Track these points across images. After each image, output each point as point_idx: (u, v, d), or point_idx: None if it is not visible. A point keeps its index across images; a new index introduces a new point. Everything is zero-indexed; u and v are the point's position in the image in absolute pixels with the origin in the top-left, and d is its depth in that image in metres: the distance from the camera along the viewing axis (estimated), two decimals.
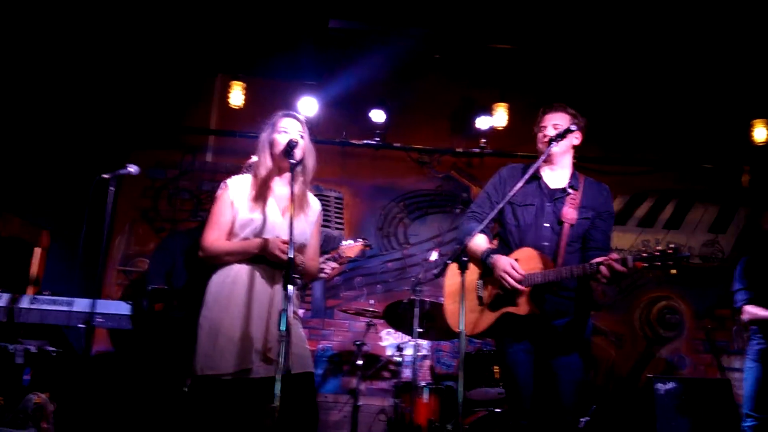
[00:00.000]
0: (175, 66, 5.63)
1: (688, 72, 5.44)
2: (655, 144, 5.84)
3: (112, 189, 3.10)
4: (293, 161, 2.57)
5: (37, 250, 4.92)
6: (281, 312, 2.23)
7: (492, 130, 5.65)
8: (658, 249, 2.47)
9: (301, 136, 2.69)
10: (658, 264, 2.47)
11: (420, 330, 4.22)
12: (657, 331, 5.63)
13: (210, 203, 2.72)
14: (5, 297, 3.77)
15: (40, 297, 3.90)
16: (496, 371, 4.22)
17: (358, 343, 4.61)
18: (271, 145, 2.68)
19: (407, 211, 5.82)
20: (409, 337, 4.40)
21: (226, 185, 2.69)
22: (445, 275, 2.97)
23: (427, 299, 4.32)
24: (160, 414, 3.76)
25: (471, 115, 5.69)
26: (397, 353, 4.72)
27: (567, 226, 2.78)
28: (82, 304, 3.85)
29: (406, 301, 4.38)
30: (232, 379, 2.44)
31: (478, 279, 2.86)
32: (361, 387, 4.65)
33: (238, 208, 2.62)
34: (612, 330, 5.60)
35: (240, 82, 5.49)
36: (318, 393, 5.07)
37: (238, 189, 2.66)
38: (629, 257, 2.52)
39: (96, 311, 3.76)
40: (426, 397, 4.22)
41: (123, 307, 3.97)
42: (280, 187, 2.70)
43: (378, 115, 5.58)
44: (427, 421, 4.16)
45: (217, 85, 5.89)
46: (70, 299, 3.87)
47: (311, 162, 2.74)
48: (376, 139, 5.72)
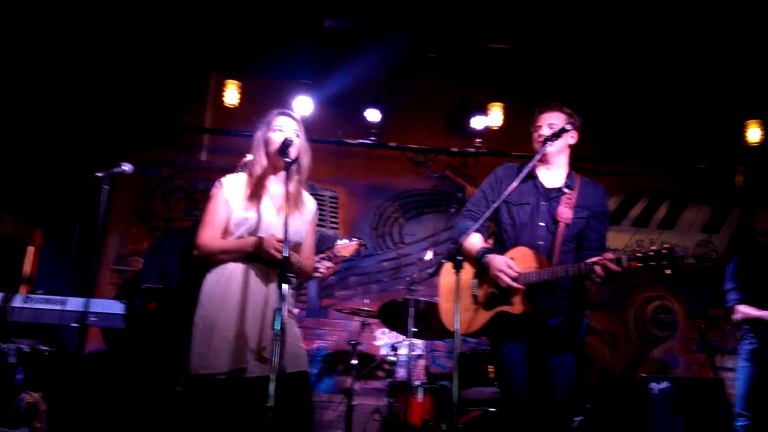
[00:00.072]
0: (170, 64, 5.61)
1: (683, 72, 5.46)
2: (650, 144, 5.86)
3: (105, 187, 3.09)
4: (288, 160, 2.57)
5: (30, 248, 4.90)
6: (276, 311, 2.22)
7: (487, 130, 5.66)
8: (653, 249, 2.47)
9: (296, 135, 2.68)
10: (653, 264, 2.46)
11: (415, 329, 4.23)
12: (651, 330, 5.65)
13: (204, 202, 2.70)
14: None
15: (33, 296, 3.88)
16: (491, 371, 4.23)
17: (353, 342, 4.61)
18: (266, 143, 2.67)
19: (402, 210, 5.81)
20: (403, 336, 4.40)
21: (220, 184, 2.68)
22: (440, 274, 2.96)
23: (422, 299, 4.32)
24: (154, 413, 3.74)
25: (466, 115, 5.70)
26: (391, 353, 4.73)
27: (562, 225, 2.78)
28: (75, 303, 3.83)
29: (400, 300, 4.38)
30: (226, 379, 2.43)
31: (473, 278, 2.86)
32: (356, 386, 4.65)
33: (232, 207, 2.61)
34: (606, 329, 5.61)
35: (235, 81, 5.47)
36: (312, 392, 5.06)
37: (233, 187, 2.66)
38: (624, 257, 2.51)
39: (89, 310, 3.74)
40: (420, 396, 4.22)
41: (116, 306, 3.96)
42: (275, 185, 2.69)
43: (373, 114, 5.58)
44: (421, 420, 4.16)
45: (211, 83, 5.88)
46: (63, 298, 3.85)
47: (306, 161, 2.73)
48: (372, 138, 5.71)
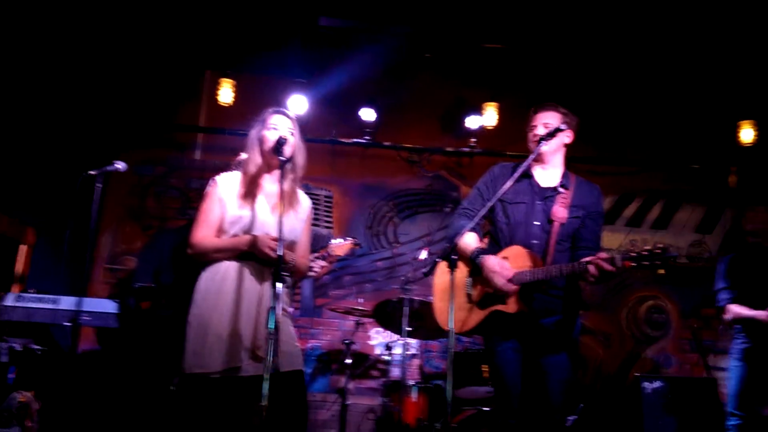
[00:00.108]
0: (165, 62, 5.59)
1: (677, 73, 5.47)
2: (644, 144, 5.88)
3: (98, 185, 3.08)
4: (283, 158, 2.56)
5: (23, 247, 4.88)
6: (269, 310, 2.21)
7: (482, 130, 5.66)
8: (646, 248, 2.48)
9: (291, 133, 2.67)
10: (646, 263, 2.48)
11: (409, 329, 4.22)
12: (644, 330, 5.66)
13: (198, 201, 2.69)
14: None
15: (25, 295, 3.86)
16: (485, 370, 4.23)
17: (347, 341, 4.60)
18: (261, 141, 2.66)
19: (397, 210, 5.81)
20: (398, 336, 4.40)
21: (215, 182, 2.66)
22: (435, 273, 2.96)
23: (416, 298, 4.32)
24: (147, 413, 3.73)
25: (461, 115, 5.70)
26: (386, 352, 4.72)
27: (557, 224, 2.78)
28: (67, 302, 3.82)
29: (395, 299, 4.38)
30: (220, 378, 2.42)
31: (468, 277, 2.86)
32: (350, 386, 4.65)
33: (227, 205, 2.60)
34: (600, 329, 5.63)
35: (229, 80, 5.45)
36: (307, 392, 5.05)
37: (227, 186, 2.64)
38: (617, 256, 2.52)
39: (82, 309, 3.73)
40: (415, 396, 4.22)
41: (109, 306, 3.94)
42: (270, 184, 2.68)
43: (368, 113, 5.57)
44: (415, 420, 4.16)
45: (206, 82, 5.85)
46: (56, 297, 3.84)
47: (301, 159, 2.72)
48: (366, 137, 5.71)
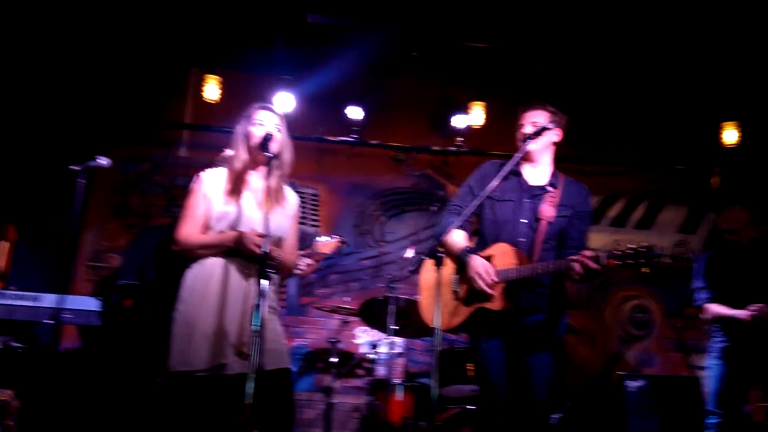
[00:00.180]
0: (150, 59, 5.53)
1: (661, 74, 5.52)
2: (628, 145, 5.92)
3: (81, 181, 3.04)
4: (269, 155, 2.54)
5: (4, 244, 4.79)
6: (254, 307, 2.19)
7: (469, 129, 5.67)
8: (631, 247, 2.50)
9: (277, 130, 2.66)
10: (631, 262, 2.50)
11: (395, 327, 4.22)
12: (628, 329, 5.71)
13: (183, 198, 2.66)
14: None
15: (6, 292, 3.81)
16: (470, 368, 4.23)
17: (333, 340, 4.58)
18: (247, 137, 2.64)
19: (384, 208, 5.80)
20: (383, 334, 4.39)
21: (199, 178, 2.64)
22: (421, 271, 2.96)
23: (402, 296, 4.31)
24: (130, 412, 3.69)
25: (448, 114, 5.70)
26: (371, 351, 4.71)
27: (544, 223, 2.79)
28: (49, 300, 3.77)
29: (381, 298, 4.37)
30: (206, 376, 2.39)
31: (454, 274, 2.86)
32: (335, 385, 4.63)
33: (212, 201, 2.57)
34: (585, 328, 5.66)
35: (215, 76, 5.40)
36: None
37: (213, 182, 2.62)
38: (602, 254, 2.54)
39: (64, 307, 3.68)
40: (400, 394, 4.22)
41: (92, 303, 3.90)
42: (256, 180, 2.66)
43: (355, 111, 5.56)
44: (401, 418, 4.16)
45: (191, 78, 5.80)
46: (37, 294, 3.79)
47: (288, 156, 2.70)
48: (353, 136, 5.69)
